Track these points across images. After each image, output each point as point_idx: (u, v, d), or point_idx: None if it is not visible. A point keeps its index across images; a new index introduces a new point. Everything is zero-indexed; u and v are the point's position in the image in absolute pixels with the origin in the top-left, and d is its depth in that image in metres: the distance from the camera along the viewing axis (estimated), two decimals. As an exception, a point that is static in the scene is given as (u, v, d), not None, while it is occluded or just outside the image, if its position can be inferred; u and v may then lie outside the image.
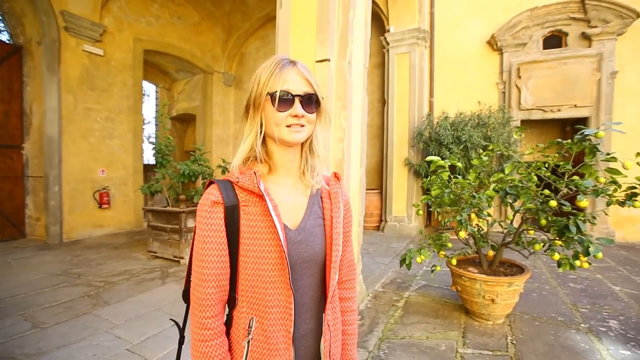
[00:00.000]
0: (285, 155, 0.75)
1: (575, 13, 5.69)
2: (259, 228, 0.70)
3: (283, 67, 0.71)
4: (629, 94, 5.53)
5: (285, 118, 0.70)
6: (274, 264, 0.69)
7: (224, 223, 0.69)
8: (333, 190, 0.81)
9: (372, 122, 7.18)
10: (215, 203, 0.70)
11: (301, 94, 0.70)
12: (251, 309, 0.71)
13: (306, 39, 2.88)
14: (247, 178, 0.71)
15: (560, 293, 3.33)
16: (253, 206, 0.71)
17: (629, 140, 5.47)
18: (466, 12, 6.54)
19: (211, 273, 0.69)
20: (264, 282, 0.70)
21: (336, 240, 0.76)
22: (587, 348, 2.31)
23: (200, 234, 0.70)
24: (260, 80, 0.72)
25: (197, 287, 0.70)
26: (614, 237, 5.56)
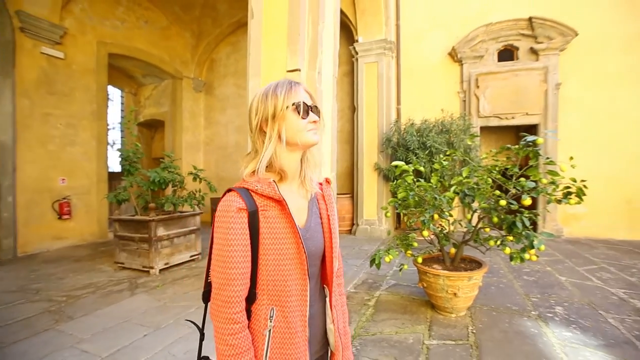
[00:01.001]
0: (292, 162, 0.86)
1: (525, 30, 6.24)
2: (279, 229, 0.80)
3: (294, 85, 0.85)
4: (571, 103, 6.14)
5: (307, 124, 0.83)
6: (293, 259, 0.81)
7: (247, 226, 0.78)
8: (327, 193, 0.95)
9: (342, 128, 7.39)
10: (240, 209, 0.78)
11: (311, 105, 0.85)
12: (271, 300, 0.81)
13: (277, 49, 2.98)
14: (267, 186, 0.80)
15: (515, 285, 3.63)
16: (271, 210, 0.81)
17: (572, 144, 6.07)
18: (429, 25, 6.96)
19: (238, 272, 0.76)
20: (284, 275, 0.80)
21: (334, 235, 0.91)
22: (536, 332, 2.56)
23: (226, 238, 0.76)
24: (278, 97, 0.82)
25: (225, 286, 0.76)
26: (562, 233, 6.11)
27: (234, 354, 0.75)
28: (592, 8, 6.02)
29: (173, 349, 2.40)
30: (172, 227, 4.49)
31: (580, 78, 6.10)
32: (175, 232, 4.52)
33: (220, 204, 0.80)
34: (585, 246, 5.41)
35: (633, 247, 5.29)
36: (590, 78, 6.05)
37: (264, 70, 3.03)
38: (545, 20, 6.03)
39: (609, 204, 5.93)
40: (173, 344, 2.46)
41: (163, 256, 4.33)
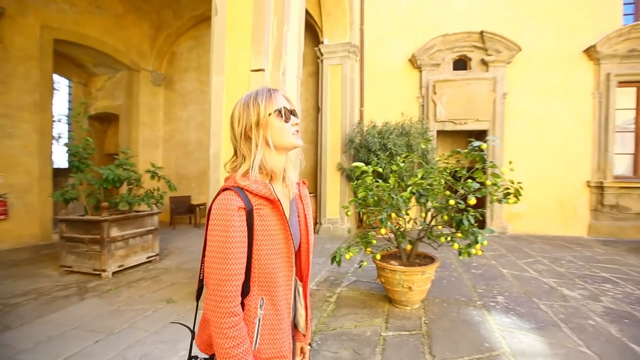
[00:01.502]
0: (279, 164, 0.91)
1: (477, 42, 6.74)
2: (271, 226, 0.86)
3: (274, 92, 0.91)
4: (515, 112, 6.74)
5: (290, 127, 0.89)
6: (282, 253, 0.88)
7: (245, 224, 0.82)
8: (304, 194, 1.04)
9: (307, 129, 7.46)
10: (240, 208, 0.81)
11: (291, 109, 0.91)
12: (261, 291, 0.86)
13: (241, 48, 2.97)
14: (263, 187, 0.85)
15: (464, 278, 3.94)
16: (264, 209, 0.86)
17: (516, 149, 6.67)
18: (391, 32, 7.25)
19: (237, 268, 0.80)
20: (275, 267, 0.87)
21: (310, 231, 1.01)
22: (480, 320, 2.81)
23: (226, 236, 0.79)
24: (260, 105, 0.87)
25: (225, 282, 0.78)
26: (507, 229, 6.70)
27: (234, 345, 0.78)
28: (534, 27, 6.65)
29: (128, 353, 2.31)
30: (127, 228, 4.26)
31: (523, 89, 6.71)
32: (131, 233, 4.30)
33: (218, 203, 0.82)
34: (525, 241, 5.98)
35: (564, 242, 5.94)
36: (531, 90, 6.69)
37: (227, 68, 3.00)
38: (494, 35, 6.55)
39: (545, 204, 6.60)
40: (128, 349, 2.37)
41: (117, 258, 4.11)
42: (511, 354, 2.29)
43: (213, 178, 3.05)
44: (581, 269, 4.27)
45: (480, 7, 6.89)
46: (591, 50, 6.37)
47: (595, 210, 6.50)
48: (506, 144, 6.72)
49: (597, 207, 6.48)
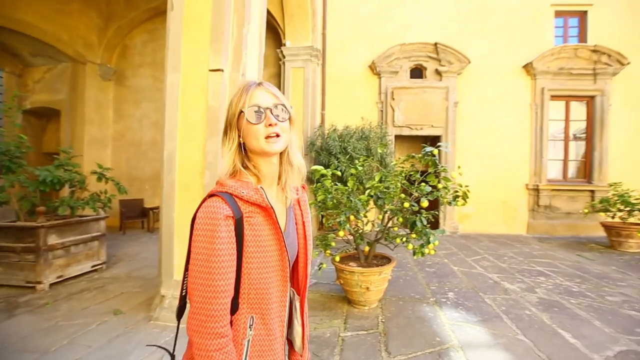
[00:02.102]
0: (269, 167, 0.82)
1: (431, 53, 7.14)
2: (264, 236, 0.78)
3: (250, 87, 0.80)
4: (465, 119, 7.24)
5: (262, 130, 0.77)
6: (275, 266, 0.79)
7: (234, 235, 0.74)
8: (302, 199, 0.94)
9: (269, 130, 7.38)
10: (228, 217, 0.73)
11: (270, 106, 0.78)
12: (251, 308, 0.78)
13: (199, 46, 2.87)
14: (253, 192, 0.76)
15: (419, 276, 4.14)
16: (256, 217, 0.77)
17: (466, 153, 7.16)
18: (353, 38, 7.44)
19: (225, 284, 0.71)
20: (267, 283, 0.78)
21: (309, 240, 0.91)
22: (432, 315, 2.97)
23: (212, 248, 0.70)
24: (232, 103, 0.80)
25: (211, 299, 0.70)
26: (458, 229, 7.15)
27: None
28: (481, 42, 7.22)
29: (67, 372, 2.11)
30: (68, 234, 3.90)
31: (472, 99, 7.24)
32: (73, 240, 3.94)
33: (203, 210, 0.74)
34: (474, 240, 6.44)
35: (507, 240, 6.48)
36: (479, 99, 7.24)
37: (184, 66, 2.88)
38: (447, 47, 7.00)
39: (491, 204, 7.16)
40: (67, 367, 2.17)
41: (55, 268, 3.74)
42: (459, 346, 2.45)
43: (167, 180, 2.91)
44: (520, 264, 4.69)
45: (435, 20, 7.32)
46: (529, 66, 7.06)
47: (533, 210, 7.19)
48: (457, 149, 7.19)
49: (534, 208, 7.17)
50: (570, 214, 7.08)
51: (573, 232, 7.04)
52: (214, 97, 2.80)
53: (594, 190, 7.02)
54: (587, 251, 5.61)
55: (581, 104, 7.34)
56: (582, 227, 7.00)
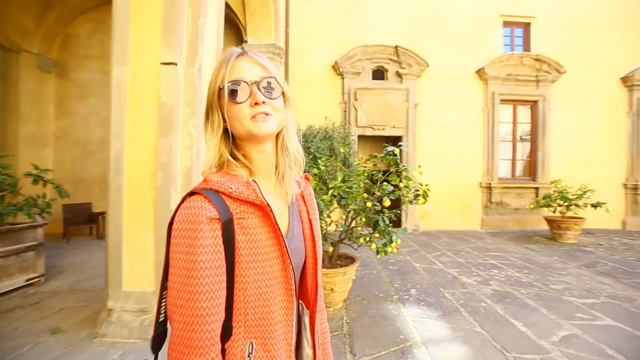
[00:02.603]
0: (262, 155, 0.68)
1: (392, 56, 7.33)
2: (260, 242, 0.62)
3: (230, 58, 0.65)
4: (424, 120, 7.53)
5: (246, 109, 0.63)
6: (277, 277, 0.64)
7: (222, 242, 0.58)
8: (307, 192, 0.78)
9: (231, 130, 7.14)
10: (212, 219, 0.58)
11: (257, 80, 0.64)
12: (249, 332, 0.62)
13: (150, 38, 2.66)
14: (244, 187, 0.62)
15: (383, 275, 4.20)
16: (250, 218, 0.63)
17: (426, 153, 7.43)
18: (316, 38, 7.42)
19: (211, 305, 0.56)
20: (268, 299, 0.63)
21: (318, 242, 0.75)
22: (396, 313, 3.01)
23: (193, 260, 0.56)
24: (212, 78, 0.66)
25: (194, 326, 0.55)
26: (419, 227, 7.41)
27: None
28: (439, 47, 7.54)
29: (-11, 405, 1.83)
30: (-4, 245, 3.45)
31: (431, 101, 7.54)
32: (3, 251, 3.49)
33: (181, 213, 0.59)
34: (434, 237, 6.70)
35: (464, 235, 6.83)
36: (437, 101, 7.56)
37: (133, 58, 2.65)
38: (407, 50, 7.22)
39: (449, 202, 7.50)
40: (-10, 399, 1.88)
41: (-20, 284, 3.28)
42: (422, 342, 2.50)
43: (114, 183, 2.66)
44: (476, 258, 4.95)
45: (396, 24, 7.52)
46: (481, 71, 7.50)
47: (486, 207, 7.65)
48: (417, 149, 7.45)
49: (487, 204, 7.63)
50: (519, 209, 7.64)
51: (521, 226, 7.60)
52: (166, 93, 2.60)
53: (538, 187, 7.63)
54: (533, 243, 6.07)
55: (526, 108, 7.95)
56: (528, 221, 7.59)
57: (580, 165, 7.74)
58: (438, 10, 7.60)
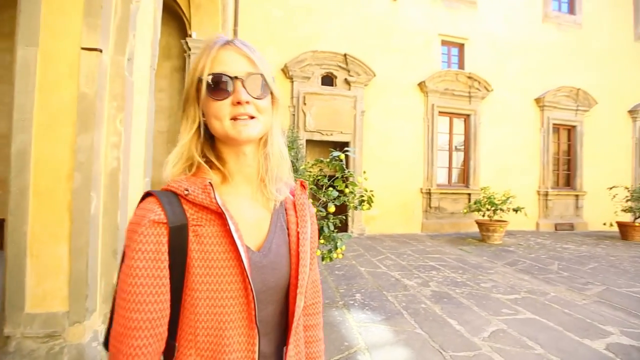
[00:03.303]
0: (240, 158, 0.60)
1: (341, 63, 7.49)
2: (215, 254, 0.55)
3: (214, 46, 0.57)
4: (371, 127, 7.79)
5: (227, 108, 0.56)
6: (234, 298, 0.55)
7: (167, 249, 0.53)
8: (299, 202, 0.69)
9: (170, 129, 6.63)
10: (156, 223, 0.53)
11: (242, 76, 0.56)
12: (201, 357, 0.54)
13: (69, 17, 2.31)
14: (200, 190, 0.56)
15: (329, 280, 4.18)
16: (207, 226, 0.56)
17: (372, 159, 7.67)
18: (265, 39, 7.27)
19: (144, 318, 0.51)
20: (222, 322, 0.55)
21: (303, 260, 0.64)
22: (341, 319, 2.99)
23: (131, 265, 0.51)
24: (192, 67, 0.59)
25: (123, 337, 0.50)
26: (365, 231, 7.61)
27: None
28: (384, 58, 7.90)
29: None
30: None
31: (377, 109, 7.84)
32: None
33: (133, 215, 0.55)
34: (378, 240, 6.92)
35: (406, 239, 7.16)
36: (383, 110, 7.89)
37: (44, 39, 2.27)
38: (355, 59, 7.44)
39: (393, 207, 7.84)
40: None
41: None
42: (366, 348, 2.49)
43: (17, 184, 2.24)
44: (417, 261, 5.20)
45: (345, 32, 7.70)
46: (422, 84, 8.02)
47: (426, 211, 8.15)
48: (364, 155, 7.67)
49: (427, 209, 8.14)
50: (454, 213, 8.27)
51: (456, 229, 8.23)
52: (87, 83, 2.27)
53: (470, 193, 8.35)
54: (466, 245, 6.59)
55: (460, 120, 8.69)
56: (462, 224, 8.25)
57: (504, 174, 8.66)
58: (385, 23, 7.97)
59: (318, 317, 0.77)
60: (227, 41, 0.59)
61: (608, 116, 9.77)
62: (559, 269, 4.92)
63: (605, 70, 9.76)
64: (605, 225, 8.43)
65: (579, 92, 9.23)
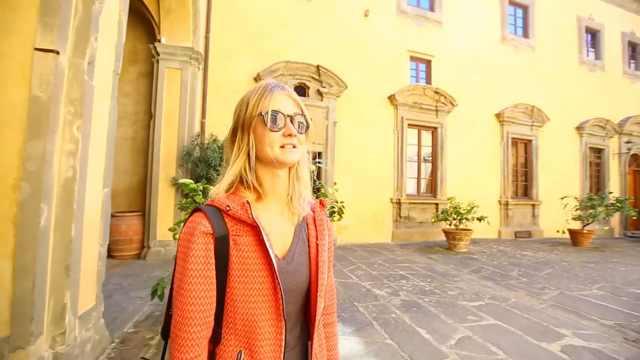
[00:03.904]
0: (275, 180, 0.74)
1: (314, 74, 7.57)
2: (251, 259, 0.68)
3: (273, 89, 0.73)
4: (343, 138, 7.90)
5: (278, 138, 0.71)
6: (265, 296, 0.69)
7: (213, 255, 0.67)
8: (319, 217, 0.82)
9: (135, 136, 6.34)
10: (205, 234, 0.66)
11: (291, 114, 0.72)
12: (239, 341, 0.69)
13: (20, 13, 2.16)
14: (239, 207, 0.69)
15: (300, 292, 4.12)
16: (244, 236, 0.69)
17: (344, 170, 7.75)
18: (238, 48, 7.21)
19: (197, 309, 0.65)
20: (255, 315, 0.68)
21: (322, 268, 0.77)
22: (312, 333, 2.94)
23: (184, 267, 0.66)
24: (250, 102, 0.72)
25: (180, 325, 0.65)
26: (337, 241, 7.62)
27: None
28: (356, 71, 8.10)
29: None
30: None
31: (349, 120, 7.98)
32: None
33: (184, 227, 0.70)
34: (350, 250, 6.95)
35: (377, 248, 7.26)
36: (355, 121, 8.04)
37: (-9, 36, 2.10)
38: (328, 70, 7.56)
39: (364, 217, 7.94)
40: None
41: None
42: (336, 361, 2.46)
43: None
44: (387, 270, 5.27)
45: (318, 44, 7.82)
46: (392, 97, 8.29)
47: (396, 220, 8.32)
48: (336, 166, 7.74)
49: (397, 218, 8.32)
50: (423, 222, 8.52)
51: (425, 238, 8.47)
52: (41, 86, 2.12)
53: (438, 203, 8.66)
54: (434, 253, 6.79)
55: (428, 133, 9.05)
56: (431, 233, 8.50)
57: (469, 185, 9.08)
58: (357, 37, 8.20)
59: (334, 316, 0.93)
60: (281, 86, 0.75)
61: (559, 132, 10.62)
62: (519, 275, 5.19)
63: (556, 90, 10.65)
64: (559, 232, 9.09)
65: (533, 109, 9.97)
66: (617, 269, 5.91)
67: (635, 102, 12.23)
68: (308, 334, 0.80)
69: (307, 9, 7.82)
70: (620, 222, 11.47)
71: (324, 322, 0.88)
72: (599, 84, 11.55)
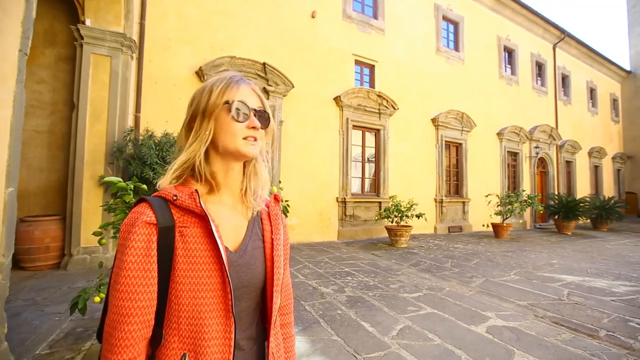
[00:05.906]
0: (229, 173, 0.73)
1: (260, 72, 7.41)
2: (198, 251, 0.64)
3: (239, 81, 0.72)
4: (289, 137, 7.86)
5: (242, 130, 0.69)
6: (213, 291, 0.64)
7: (155, 247, 0.62)
8: (273, 212, 0.80)
9: (53, 128, 5.56)
10: (147, 224, 0.62)
11: (256, 108, 0.72)
12: (183, 343, 0.63)
13: None
14: (187, 196, 0.66)
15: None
16: (192, 227, 0.66)
17: (291, 169, 7.72)
18: (178, 39, 6.74)
19: (135, 306, 0.60)
20: (202, 312, 0.63)
21: (277, 262, 0.74)
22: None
23: (124, 260, 0.60)
24: (214, 90, 0.70)
25: (116, 323, 0.59)
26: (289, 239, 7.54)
27: None
28: (303, 71, 8.12)
29: None
30: None
31: (295, 120, 7.96)
32: None
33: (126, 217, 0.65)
34: (297, 250, 6.94)
35: (323, 247, 7.35)
36: (301, 121, 8.05)
37: None
38: (274, 69, 7.45)
39: (310, 216, 7.99)
40: None
41: None
42: (282, 362, 2.41)
43: None
44: (334, 268, 5.36)
45: (265, 42, 7.67)
46: (337, 99, 8.48)
47: (342, 219, 8.53)
48: (282, 165, 7.67)
49: (342, 217, 8.52)
50: (367, 220, 8.85)
51: (369, 235, 8.81)
52: None
53: (380, 202, 9.07)
54: (377, 250, 7.09)
55: (372, 134, 9.44)
56: (374, 230, 8.88)
57: (408, 184, 9.69)
58: (304, 38, 8.22)
59: (291, 316, 0.89)
60: (247, 80, 0.75)
61: (484, 136, 11.90)
62: (452, 266, 5.67)
63: (481, 99, 11.92)
64: (484, 226, 10.18)
65: (463, 116, 11.01)
66: (529, 256, 6.79)
67: (541, 113, 14.31)
68: (265, 336, 0.76)
69: (254, 5, 7.63)
70: (531, 216, 13.24)
71: (280, 322, 0.84)
72: (515, 96, 13.23)
